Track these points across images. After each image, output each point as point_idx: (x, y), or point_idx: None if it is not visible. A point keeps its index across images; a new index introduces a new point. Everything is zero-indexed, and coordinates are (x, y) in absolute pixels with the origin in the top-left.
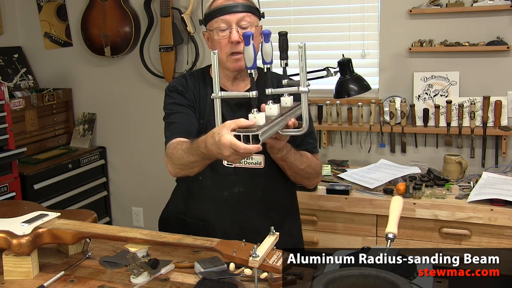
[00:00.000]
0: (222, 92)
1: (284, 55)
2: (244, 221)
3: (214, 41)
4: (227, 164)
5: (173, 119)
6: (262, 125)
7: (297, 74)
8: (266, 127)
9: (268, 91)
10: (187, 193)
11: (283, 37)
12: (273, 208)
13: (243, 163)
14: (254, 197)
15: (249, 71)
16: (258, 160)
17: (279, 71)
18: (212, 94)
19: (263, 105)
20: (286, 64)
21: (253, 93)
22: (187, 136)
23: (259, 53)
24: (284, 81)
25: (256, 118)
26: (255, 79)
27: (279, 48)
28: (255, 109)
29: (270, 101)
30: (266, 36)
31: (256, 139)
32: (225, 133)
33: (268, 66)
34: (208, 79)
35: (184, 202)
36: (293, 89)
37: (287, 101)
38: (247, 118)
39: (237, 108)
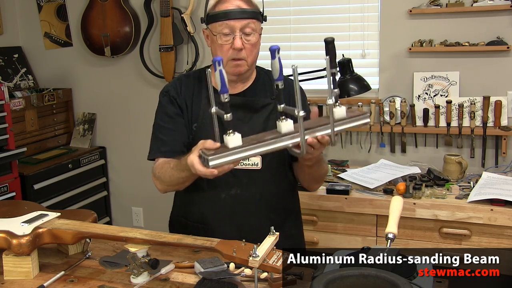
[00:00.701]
0: (215, 107)
1: (334, 64)
2: (243, 222)
3: (215, 43)
4: None
5: (161, 134)
6: (224, 150)
7: (305, 73)
8: (225, 154)
9: (280, 108)
10: (186, 196)
11: (331, 45)
12: (272, 209)
13: (240, 164)
14: (252, 198)
15: (276, 82)
16: (255, 161)
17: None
18: (211, 110)
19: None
20: (334, 74)
21: (228, 116)
22: (173, 154)
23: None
24: (280, 107)
25: (227, 140)
26: (253, 80)
27: (328, 55)
28: (230, 131)
29: (283, 117)
30: (273, 52)
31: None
32: (193, 153)
33: (278, 82)
34: (204, 81)
35: (184, 205)
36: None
37: (284, 126)
38: (245, 119)
39: (233, 109)
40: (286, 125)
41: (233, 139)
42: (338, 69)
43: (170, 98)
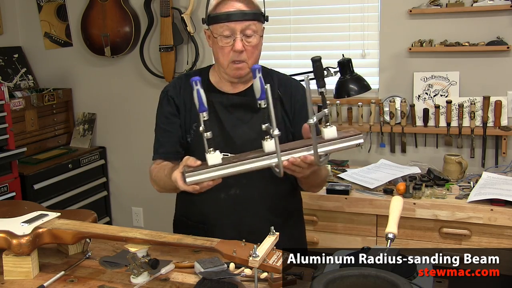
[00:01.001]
0: (202, 127)
1: (321, 83)
2: (242, 223)
3: (216, 45)
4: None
5: (159, 135)
6: (204, 167)
7: (297, 74)
8: (202, 171)
9: (264, 127)
10: (187, 196)
11: (317, 63)
12: (271, 210)
13: None
14: (251, 198)
15: (258, 101)
16: None
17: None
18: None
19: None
20: (322, 93)
21: (208, 134)
22: (168, 155)
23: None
24: (263, 126)
25: (208, 157)
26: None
27: (314, 75)
28: (211, 149)
29: (268, 137)
30: (253, 72)
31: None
32: (177, 169)
33: (260, 101)
34: (205, 81)
35: (185, 205)
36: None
37: (267, 145)
38: (245, 119)
39: (233, 109)
40: (269, 144)
41: (213, 157)
42: (325, 85)
43: (168, 97)
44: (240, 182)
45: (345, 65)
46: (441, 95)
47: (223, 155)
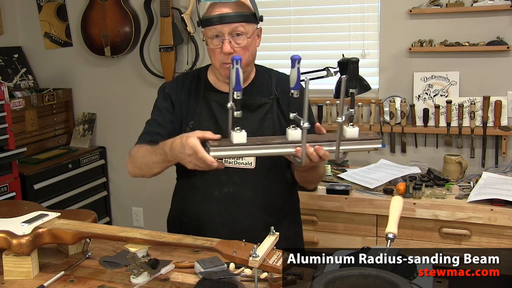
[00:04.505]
0: (231, 103)
1: (354, 83)
2: (235, 221)
3: (208, 47)
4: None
5: (148, 125)
6: (227, 143)
7: (305, 73)
8: (227, 147)
9: (291, 116)
10: (182, 193)
11: (354, 65)
12: (265, 210)
13: (233, 163)
14: (245, 197)
15: (291, 90)
16: (248, 161)
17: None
18: (228, 105)
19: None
20: (352, 94)
21: (237, 113)
22: (152, 144)
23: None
24: (292, 115)
25: (233, 135)
26: (252, 79)
27: (349, 75)
28: (237, 128)
29: (293, 126)
30: (293, 61)
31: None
32: (193, 136)
33: (293, 91)
34: (203, 79)
35: (181, 202)
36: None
37: (292, 134)
38: (243, 117)
39: None
40: (294, 133)
41: (239, 135)
42: (356, 86)
43: (165, 94)
44: (233, 181)
45: (345, 65)
46: (441, 95)
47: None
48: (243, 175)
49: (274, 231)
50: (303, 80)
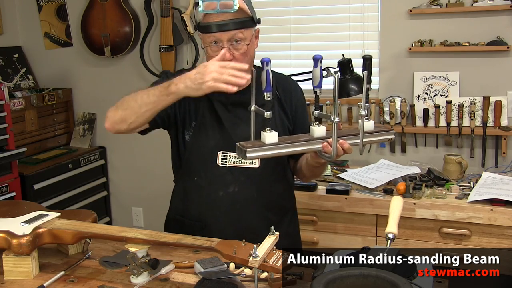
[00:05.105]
0: (254, 105)
1: (369, 79)
2: (240, 221)
3: (207, 53)
4: (221, 163)
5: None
6: (260, 144)
7: (297, 74)
8: (261, 148)
9: (316, 113)
10: (183, 194)
11: (368, 61)
12: (269, 208)
13: (237, 162)
14: (250, 197)
15: (314, 89)
16: (253, 160)
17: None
18: (251, 108)
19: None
20: (367, 89)
21: (268, 114)
22: None
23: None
24: (316, 113)
25: (265, 136)
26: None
27: (368, 72)
28: (268, 128)
29: (315, 122)
30: (316, 61)
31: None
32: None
33: (316, 90)
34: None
35: (182, 203)
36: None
37: (317, 130)
38: (244, 117)
39: (232, 107)
40: (319, 130)
41: (271, 136)
42: (371, 82)
43: (168, 76)
44: (239, 180)
45: (345, 65)
46: (441, 95)
47: (222, 153)
48: (248, 175)
49: (274, 231)
50: (302, 81)
